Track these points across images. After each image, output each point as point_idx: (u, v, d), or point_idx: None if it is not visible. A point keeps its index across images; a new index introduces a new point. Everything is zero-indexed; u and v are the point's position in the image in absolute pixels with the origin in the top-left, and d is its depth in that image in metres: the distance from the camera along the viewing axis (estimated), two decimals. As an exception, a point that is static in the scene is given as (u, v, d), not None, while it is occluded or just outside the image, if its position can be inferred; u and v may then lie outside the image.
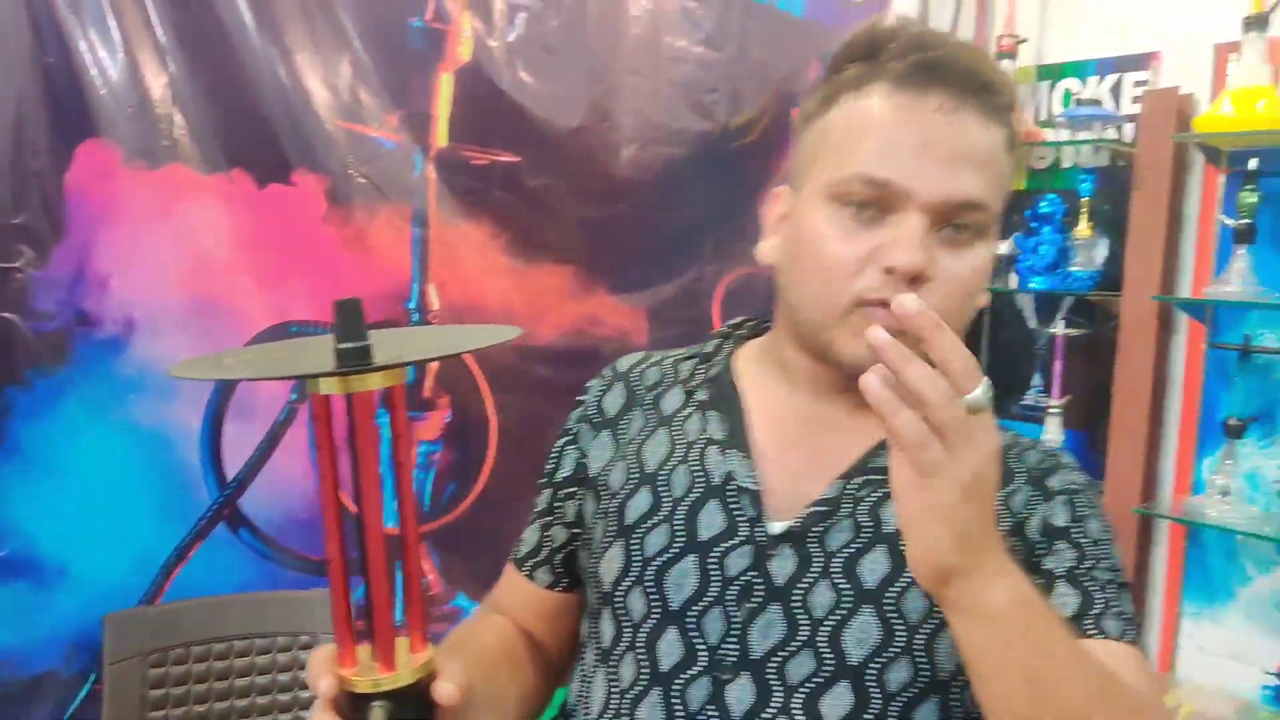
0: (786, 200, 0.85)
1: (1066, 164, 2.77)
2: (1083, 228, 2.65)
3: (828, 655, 0.77)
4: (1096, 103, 2.68)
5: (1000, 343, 2.92)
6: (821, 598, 0.78)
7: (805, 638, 0.77)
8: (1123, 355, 2.59)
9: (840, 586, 0.78)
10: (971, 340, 2.87)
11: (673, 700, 0.79)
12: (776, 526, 0.80)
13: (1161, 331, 2.56)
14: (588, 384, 0.98)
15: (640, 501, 0.85)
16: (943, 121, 0.75)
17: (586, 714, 0.86)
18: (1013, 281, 2.77)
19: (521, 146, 1.96)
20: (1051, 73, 2.85)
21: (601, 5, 2.06)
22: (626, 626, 0.83)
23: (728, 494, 0.82)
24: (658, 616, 0.81)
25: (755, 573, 0.79)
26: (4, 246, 1.45)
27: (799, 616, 0.78)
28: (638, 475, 0.86)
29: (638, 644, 0.82)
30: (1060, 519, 0.82)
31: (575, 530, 0.93)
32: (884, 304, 0.73)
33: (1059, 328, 2.74)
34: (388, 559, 0.63)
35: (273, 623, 1.60)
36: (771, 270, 0.88)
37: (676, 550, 0.81)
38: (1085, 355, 2.71)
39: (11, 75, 1.44)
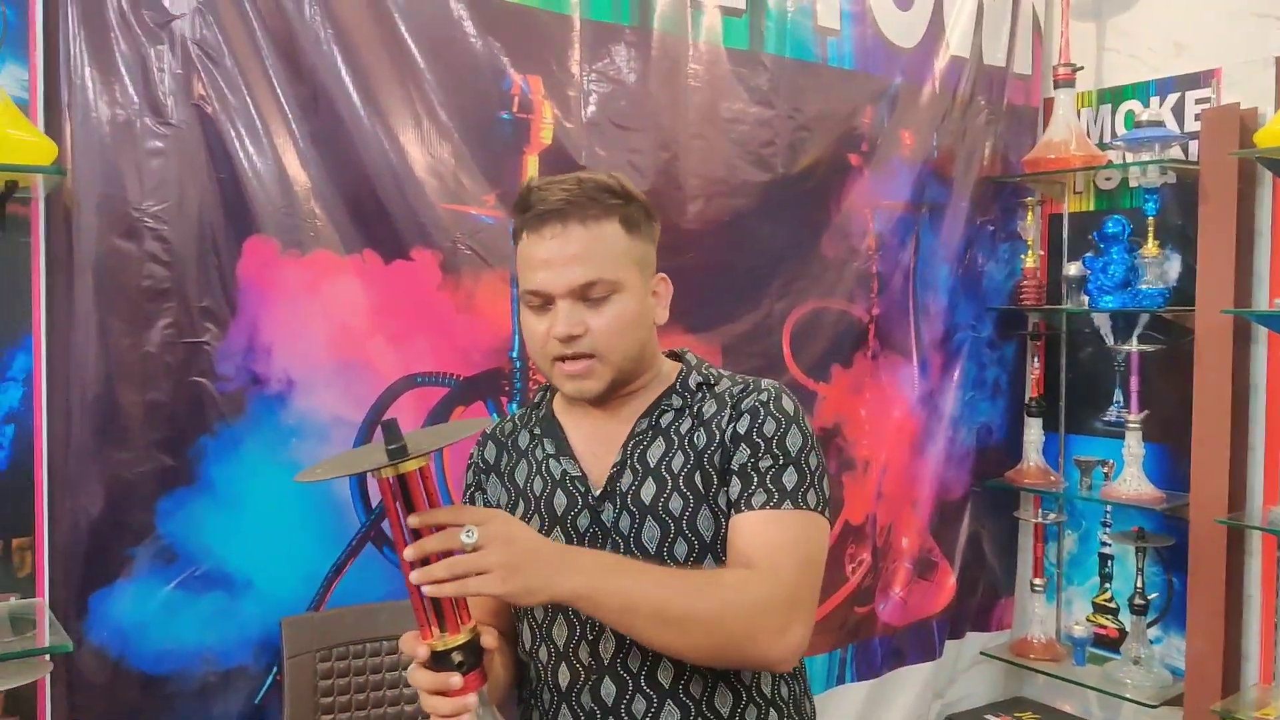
0: None
1: (1134, 184, 3.11)
2: (1150, 246, 2.98)
3: (638, 554, 1.30)
4: (1159, 123, 2.99)
5: (1079, 361, 3.28)
6: (625, 522, 1.33)
7: (624, 549, 1.31)
8: (1200, 368, 2.88)
9: (632, 511, 1.33)
10: (1018, 357, 3.21)
11: (569, 616, 1.33)
12: (596, 491, 1.36)
13: (1239, 344, 2.84)
14: (471, 451, 1.52)
15: (520, 507, 1.40)
16: (556, 243, 1.30)
17: (523, 648, 1.40)
18: (1085, 301, 3.13)
19: (600, 212, 2.46)
20: (1113, 96, 3.22)
21: (662, 82, 2.54)
22: None
23: (566, 483, 1.37)
24: None
25: (594, 523, 1.34)
26: (195, 325, 1.99)
27: (616, 538, 1.32)
28: (515, 491, 1.42)
29: None
30: (743, 427, 1.33)
31: None
32: (562, 359, 1.31)
33: (1134, 344, 3.10)
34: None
35: (414, 624, 2.11)
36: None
37: (545, 527, 1.35)
38: (1164, 370, 3.04)
39: (196, 190, 1.99)
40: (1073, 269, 3.16)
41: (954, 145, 3.14)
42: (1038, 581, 3.28)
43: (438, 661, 1.12)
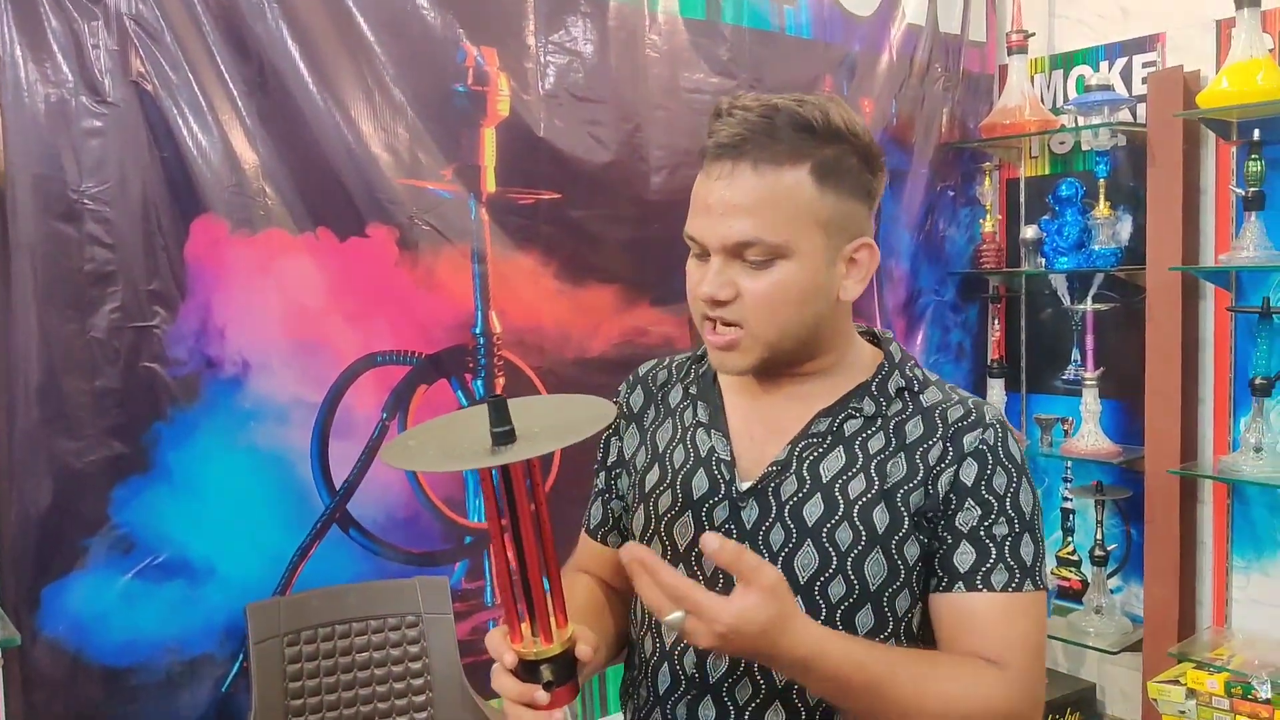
0: None
1: (1086, 147, 2.96)
2: (1102, 207, 2.85)
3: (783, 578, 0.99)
4: (1108, 87, 2.86)
5: (1038, 322, 3.14)
6: (776, 536, 1.04)
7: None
8: (1151, 324, 2.78)
9: (789, 527, 1.04)
10: (980, 320, 3.04)
11: None
12: (744, 485, 1.07)
13: (1188, 299, 2.74)
14: (619, 388, 1.25)
15: (653, 474, 1.13)
16: (720, 186, 1.01)
17: (637, 631, 1.15)
18: (1041, 263, 2.99)
19: (561, 184, 2.26)
20: (1064, 62, 3.07)
21: (621, 54, 2.35)
22: None
23: (711, 463, 1.09)
24: (670, 558, 1.08)
25: (732, 522, 1.07)
26: (143, 309, 1.80)
27: (762, 551, 1.04)
28: (652, 455, 1.15)
29: None
30: (969, 477, 1.03)
31: (625, 501, 1.20)
32: (710, 319, 1.04)
33: (1089, 304, 2.96)
34: (539, 571, 0.92)
35: (382, 606, 1.94)
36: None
37: (677, 509, 1.09)
38: (1119, 328, 2.92)
39: (137, 170, 1.80)
40: (1029, 232, 3.04)
41: (913, 112, 2.97)
42: (1002, 536, 3.13)
43: (526, 670, 0.93)
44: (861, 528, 1.02)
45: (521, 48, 2.22)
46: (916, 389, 1.09)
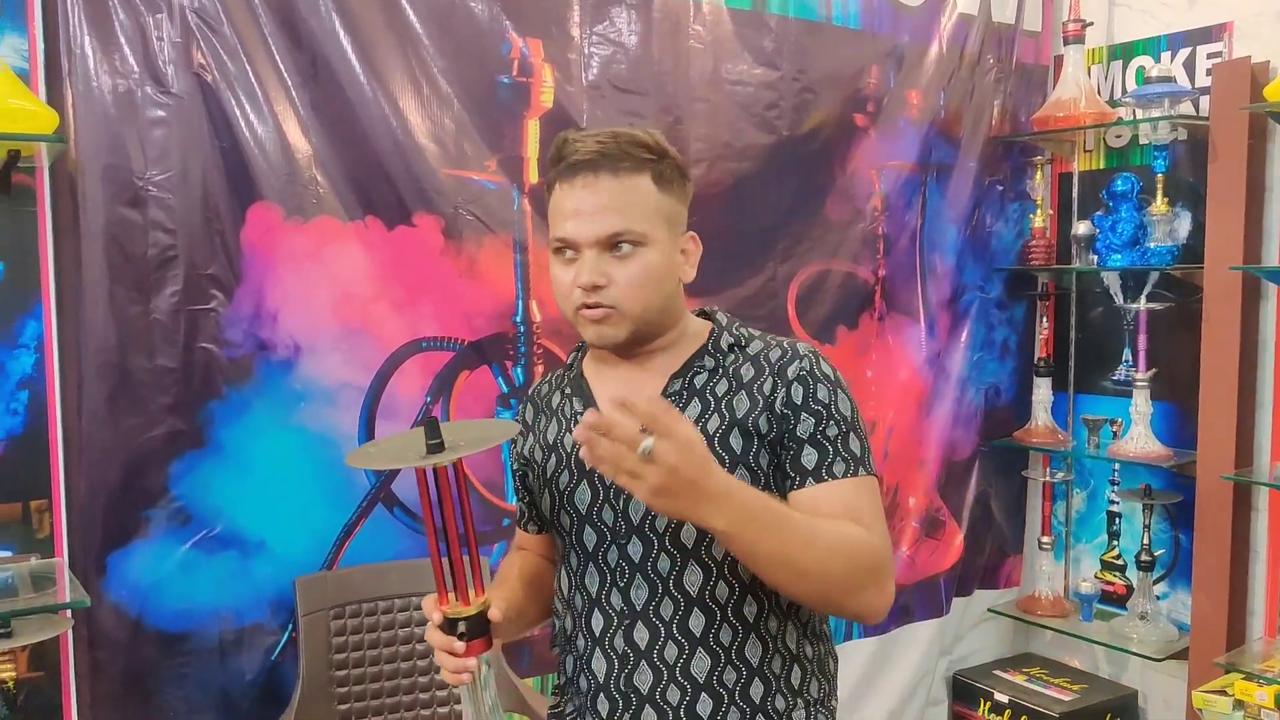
0: None
1: (1144, 141, 3.05)
2: (1159, 203, 2.94)
3: None
4: (1170, 79, 2.94)
5: (1088, 321, 3.26)
6: None
7: None
8: (1208, 325, 2.87)
9: None
10: (1028, 317, 3.15)
11: (600, 565, 1.38)
12: None
13: (1248, 300, 2.82)
14: (518, 409, 1.58)
15: (552, 462, 1.43)
16: (585, 193, 1.32)
17: (560, 594, 1.45)
18: (1094, 260, 3.10)
19: (603, 175, 2.46)
20: (1123, 52, 3.17)
21: (664, 44, 2.53)
22: (565, 534, 1.42)
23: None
24: (577, 523, 1.39)
25: None
26: (201, 292, 2.01)
27: None
28: (547, 447, 1.45)
29: (573, 543, 1.41)
30: (798, 396, 1.34)
31: (532, 494, 1.51)
32: (587, 306, 1.32)
33: (1142, 303, 3.08)
34: (459, 549, 1.21)
35: (423, 584, 2.11)
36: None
37: (575, 482, 1.39)
38: (1173, 328, 3.02)
39: (198, 158, 2.00)
40: (1081, 228, 3.13)
41: (961, 105, 3.10)
42: (1045, 539, 3.28)
43: (449, 626, 1.22)
44: (724, 454, 1.32)
45: (566, 39, 2.40)
46: (744, 343, 1.41)
